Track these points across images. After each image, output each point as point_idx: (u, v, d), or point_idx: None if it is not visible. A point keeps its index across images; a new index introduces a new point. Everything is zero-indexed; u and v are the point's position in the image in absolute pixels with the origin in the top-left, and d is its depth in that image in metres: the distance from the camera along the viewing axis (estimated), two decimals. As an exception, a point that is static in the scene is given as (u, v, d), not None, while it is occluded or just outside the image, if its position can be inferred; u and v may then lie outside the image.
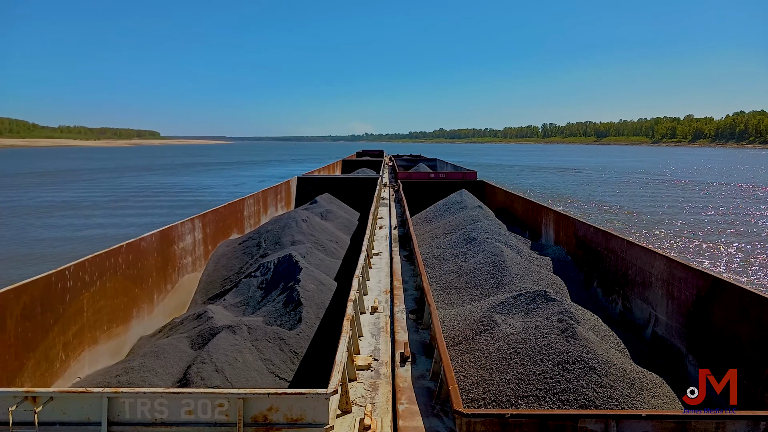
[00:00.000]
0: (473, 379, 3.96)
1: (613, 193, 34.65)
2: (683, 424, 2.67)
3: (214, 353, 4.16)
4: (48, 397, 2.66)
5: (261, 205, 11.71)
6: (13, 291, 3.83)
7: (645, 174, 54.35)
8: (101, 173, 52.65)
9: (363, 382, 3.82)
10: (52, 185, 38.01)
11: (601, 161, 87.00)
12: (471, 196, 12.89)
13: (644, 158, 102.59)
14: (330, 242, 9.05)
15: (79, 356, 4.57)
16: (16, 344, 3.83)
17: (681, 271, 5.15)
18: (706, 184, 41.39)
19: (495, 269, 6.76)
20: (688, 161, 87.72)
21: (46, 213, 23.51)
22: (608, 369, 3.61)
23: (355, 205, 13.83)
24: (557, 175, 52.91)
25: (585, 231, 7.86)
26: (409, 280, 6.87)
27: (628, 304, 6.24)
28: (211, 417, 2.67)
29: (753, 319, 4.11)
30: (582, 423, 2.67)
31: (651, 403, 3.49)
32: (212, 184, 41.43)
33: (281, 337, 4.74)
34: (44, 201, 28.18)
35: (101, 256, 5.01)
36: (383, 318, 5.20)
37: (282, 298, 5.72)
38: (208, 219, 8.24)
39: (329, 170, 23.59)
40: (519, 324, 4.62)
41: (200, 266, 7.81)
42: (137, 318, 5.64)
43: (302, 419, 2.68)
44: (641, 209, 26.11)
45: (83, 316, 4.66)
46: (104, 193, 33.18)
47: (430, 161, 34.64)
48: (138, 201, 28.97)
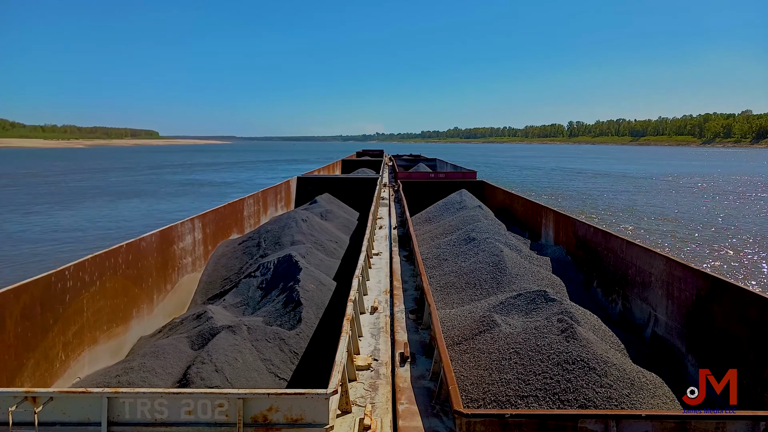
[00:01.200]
0: (473, 379, 3.96)
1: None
2: (683, 424, 2.67)
3: (214, 353, 4.16)
4: (48, 397, 2.66)
5: (261, 205, 11.71)
6: (12, 291, 3.82)
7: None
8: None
9: (363, 382, 3.82)
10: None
11: (658, 167, 64.84)
12: (471, 196, 12.89)
13: (714, 162, 78.94)
14: (330, 242, 9.05)
15: (78, 356, 4.56)
16: (15, 344, 3.83)
17: (680, 271, 5.15)
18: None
19: (495, 269, 6.76)
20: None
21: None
22: (608, 369, 3.61)
23: (355, 205, 13.83)
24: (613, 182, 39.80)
25: (585, 231, 7.86)
26: (408, 280, 6.87)
27: (628, 304, 6.24)
28: (211, 417, 2.67)
29: (753, 319, 4.11)
30: (582, 423, 2.67)
31: (651, 403, 3.49)
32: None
33: (281, 338, 4.74)
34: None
35: (101, 256, 5.01)
36: (383, 318, 5.20)
37: (282, 298, 5.72)
38: (207, 219, 8.23)
39: (329, 170, 23.58)
40: (519, 324, 4.62)
41: (200, 266, 7.81)
42: (137, 318, 5.64)
43: (302, 419, 2.68)
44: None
45: (83, 316, 4.66)
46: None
47: (430, 161, 34.61)
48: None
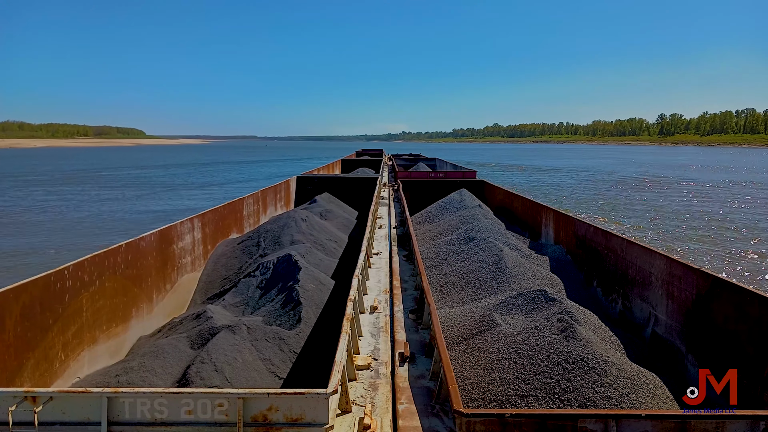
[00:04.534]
0: (473, 379, 3.96)
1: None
2: (683, 423, 2.66)
3: (214, 353, 4.16)
4: (48, 397, 2.65)
5: (260, 204, 11.70)
6: (12, 291, 3.82)
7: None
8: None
9: (363, 382, 3.82)
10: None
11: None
12: (471, 196, 12.89)
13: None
14: (329, 242, 9.04)
15: (78, 356, 4.56)
16: (15, 344, 3.83)
17: (681, 270, 5.15)
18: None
19: (495, 269, 6.76)
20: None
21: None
22: (608, 369, 3.61)
23: (355, 204, 13.81)
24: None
25: (585, 230, 7.86)
26: (408, 279, 6.87)
27: (628, 304, 6.24)
28: (211, 417, 2.67)
29: (753, 318, 4.10)
30: (582, 423, 2.67)
31: (651, 402, 3.49)
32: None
33: (281, 337, 4.74)
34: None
35: (100, 256, 5.01)
36: (383, 318, 5.20)
37: (281, 297, 5.72)
38: (207, 218, 8.23)
39: (329, 169, 23.57)
40: (519, 323, 4.62)
41: (199, 266, 7.80)
42: (136, 318, 5.64)
43: (302, 419, 2.67)
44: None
45: (82, 316, 4.66)
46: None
47: (430, 160, 34.63)
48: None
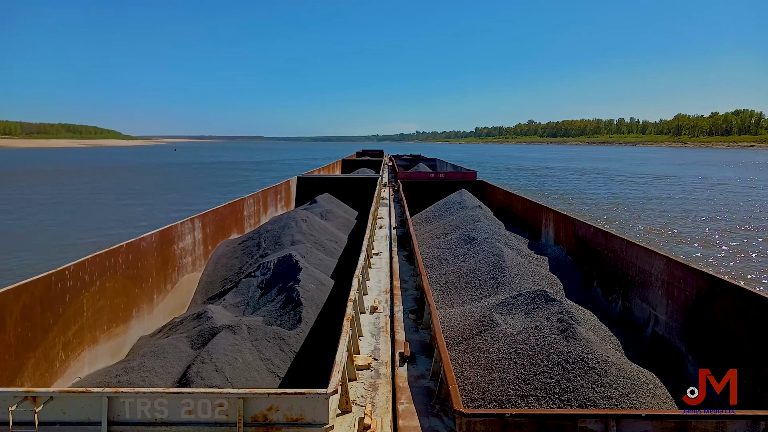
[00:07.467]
0: (473, 379, 3.96)
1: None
2: (683, 423, 2.66)
3: (214, 353, 4.16)
4: (48, 396, 2.66)
5: (261, 204, 11.71)
6: (12, 291, 3.82)
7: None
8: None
9: (363, 382, 3.82)
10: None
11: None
12: (471, 196, 12.89)
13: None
14: (330, 242, 9.04)
15: (78, 356, 4.56)
16: (15, 344, 3.83)
17: (681, 270, 5.15)
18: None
19: (495, 269, 6.76)
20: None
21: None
22: (608, 369, 3.61)
23: (355, 205, 13.82)
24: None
25: (585, 231, 7.86)
26: (408, 279, 6.87)
27: (628, 304, 6.24)
28: (211, 417, 2.67)
29: (753, 318, 4.11)
30: (582, 423, 2.67)
31: (651, 402, 3.50)
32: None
33: (281, 337, 4.74)
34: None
35: (101, 256, 5.01)
36: (383, 318, 5.20)
37: (282, 297, 5.72)
38: (207, 219, 8.23)
39: (329, 170, 23.58)
40: (519, 324, 4.62)
41: (200, 266, 7.81)
42: (137, 318, 5.64)
43: (302, 419, 2.68)
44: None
45: (83, 316, 4.66)
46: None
47: (430, 161, 34.67)
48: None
